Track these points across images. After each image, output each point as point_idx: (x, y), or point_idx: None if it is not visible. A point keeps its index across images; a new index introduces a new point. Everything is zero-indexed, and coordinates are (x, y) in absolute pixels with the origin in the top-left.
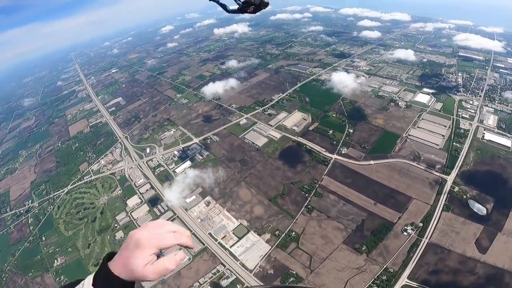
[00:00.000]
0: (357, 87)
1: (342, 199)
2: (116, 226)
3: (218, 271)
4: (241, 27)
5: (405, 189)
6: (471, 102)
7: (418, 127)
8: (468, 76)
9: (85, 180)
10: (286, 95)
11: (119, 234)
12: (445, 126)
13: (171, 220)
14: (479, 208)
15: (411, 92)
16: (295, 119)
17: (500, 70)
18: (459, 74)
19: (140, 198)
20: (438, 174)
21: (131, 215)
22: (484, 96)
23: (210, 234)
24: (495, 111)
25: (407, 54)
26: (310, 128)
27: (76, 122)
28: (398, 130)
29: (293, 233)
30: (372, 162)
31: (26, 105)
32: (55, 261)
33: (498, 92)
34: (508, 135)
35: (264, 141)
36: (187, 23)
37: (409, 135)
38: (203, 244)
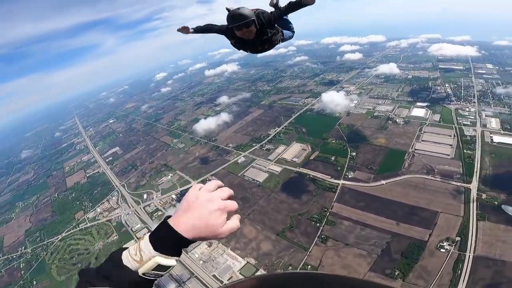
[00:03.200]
0: (350, 108)
1: (358, 224)
2: None
3: None
4: (230, 66)
5: (427, 204)
6: (467, 109)
7: (422, 140)
8: (455, 85)
9: (80, 228)
10: (282, 128)
11: None
12: (450, 136)
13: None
14: None
15: (406, 108)
16: (294, 151)
17: (484, 76)
18: (446, 85)
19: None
20: (458, 184)
21: None
22: (478, 101)
23: (214, 276)
24: (494, 114)
25: (391, 68)
26: (311, 158)
27: (73, 174)
28: (403, 146)
29: (309, 266)
30: (383, 182)
31: (23, 157)
32: None
33: (490, 96)
34: None
35: (264, 176)
36: (179, 70)
37: (415, 149)
38: (207, 287)
